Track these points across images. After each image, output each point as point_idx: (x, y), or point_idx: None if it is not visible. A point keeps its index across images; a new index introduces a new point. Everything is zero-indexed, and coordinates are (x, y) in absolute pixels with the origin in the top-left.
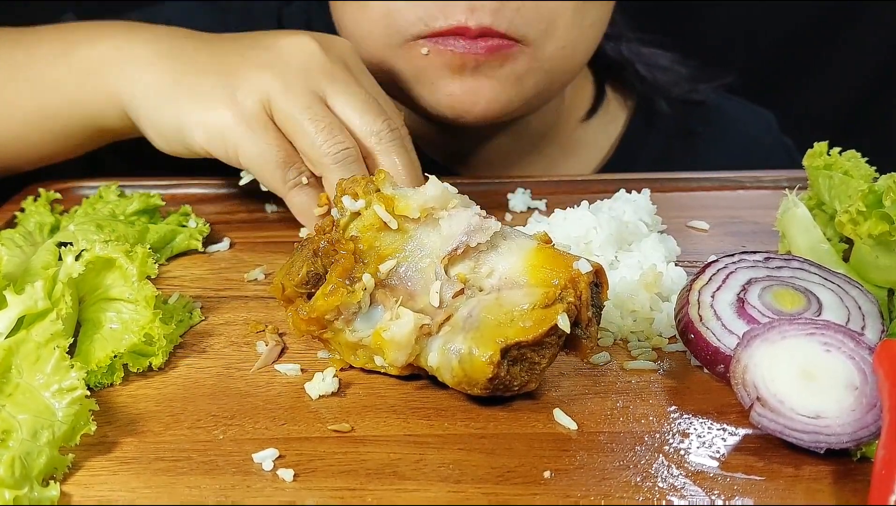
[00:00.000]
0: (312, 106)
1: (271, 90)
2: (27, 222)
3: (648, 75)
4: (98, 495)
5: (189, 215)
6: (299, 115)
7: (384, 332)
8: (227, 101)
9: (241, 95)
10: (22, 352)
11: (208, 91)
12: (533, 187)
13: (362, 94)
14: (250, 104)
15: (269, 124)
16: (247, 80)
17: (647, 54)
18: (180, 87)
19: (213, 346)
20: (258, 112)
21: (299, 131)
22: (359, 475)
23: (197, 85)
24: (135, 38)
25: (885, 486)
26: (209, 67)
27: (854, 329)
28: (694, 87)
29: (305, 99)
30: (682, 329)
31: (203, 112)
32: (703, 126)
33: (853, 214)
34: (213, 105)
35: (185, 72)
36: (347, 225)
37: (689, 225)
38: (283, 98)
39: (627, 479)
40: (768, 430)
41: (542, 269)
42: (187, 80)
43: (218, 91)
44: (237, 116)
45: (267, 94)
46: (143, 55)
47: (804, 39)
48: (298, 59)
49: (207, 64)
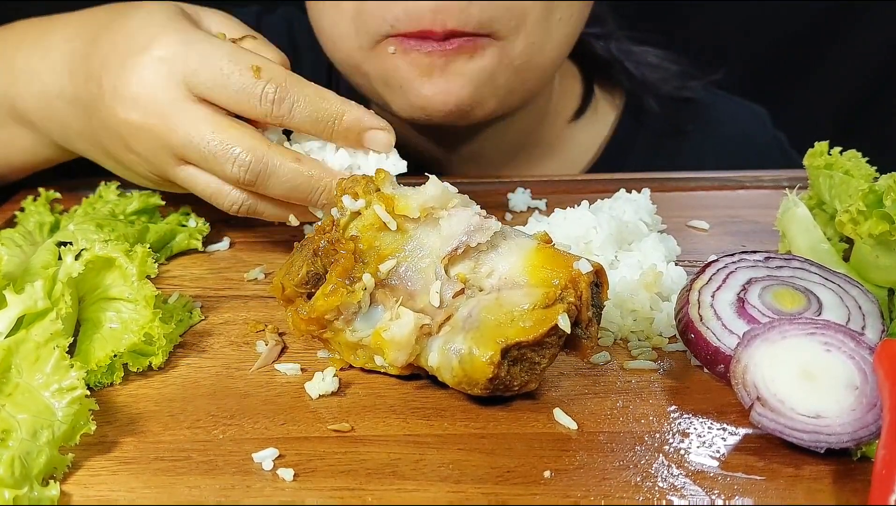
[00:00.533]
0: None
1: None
2: (27, 222)
3: (637, 73)
4: (98, 494)
5: (189, 215)
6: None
7: (384, 332)
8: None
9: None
10: (22, 352)
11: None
12: (533, 187)
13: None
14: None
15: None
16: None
17: (637, 52)
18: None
19: (213, 345)
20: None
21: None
22: (359, 475)
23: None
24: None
25: (886, 486)
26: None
27: (854, 329)
28: (684, 84)
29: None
30: (683, 329)
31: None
32: (693, 123)
33: (853, 214)
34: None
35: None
36: (347, 225)
37: (689, 225)
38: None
39: (627, 479)
40: (768, 430)
41: (543, 269)
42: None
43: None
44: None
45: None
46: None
47: (805, 39)
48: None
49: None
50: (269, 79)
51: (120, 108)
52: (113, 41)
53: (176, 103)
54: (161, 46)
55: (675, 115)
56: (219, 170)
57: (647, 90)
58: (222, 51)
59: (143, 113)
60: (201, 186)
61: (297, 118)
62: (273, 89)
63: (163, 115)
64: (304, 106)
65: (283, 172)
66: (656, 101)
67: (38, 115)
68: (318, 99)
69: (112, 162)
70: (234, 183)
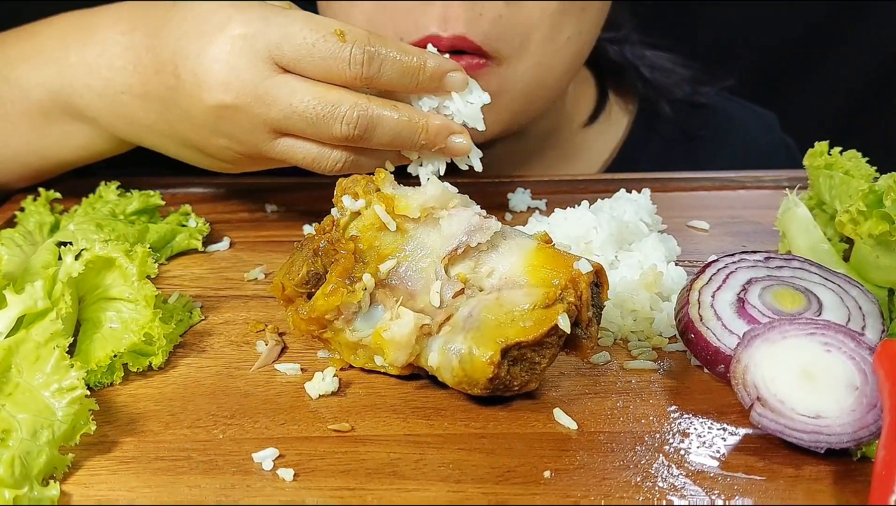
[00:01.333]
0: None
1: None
2: (27, 222)
3: (651, 78)
4: (98, 494)
5: (189, 215)
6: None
7: (384, 332)
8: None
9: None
10: (22, 351)
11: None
12: (533, 187)
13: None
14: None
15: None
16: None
17: (650, 57)
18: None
19: (213, 345)
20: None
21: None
22: (359, 475)
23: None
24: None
25: (886, 486)
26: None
27: (854, 329)
28: (696, 89)
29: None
30: (683, 329)
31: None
32: (705, 129)
33: (854, 214)
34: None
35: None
36: (347, 225)
37: (690, 225)
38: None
39: (627, 479)
40: (768, 430)
41: (543, 269)
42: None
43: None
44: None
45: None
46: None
47: (805, 40)
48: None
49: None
50: (354, 41)
51: (207, 94)
52: (182, 29)
53: (267, 79)
54: (238, 25)
55: (686, 120)
56: (325, 132)
57: (660, 95)
58: (301, 21)
59: (235, 94)
60: (301, 154)
61: (386, 76)
62: (360, 51)
63: (256, 93)
64: (391, 63)
65: (386, 122)
66: (669, 106)
67: (102, 112)
68: (401, 53)
69: (189, 151)
70: (340, 141)
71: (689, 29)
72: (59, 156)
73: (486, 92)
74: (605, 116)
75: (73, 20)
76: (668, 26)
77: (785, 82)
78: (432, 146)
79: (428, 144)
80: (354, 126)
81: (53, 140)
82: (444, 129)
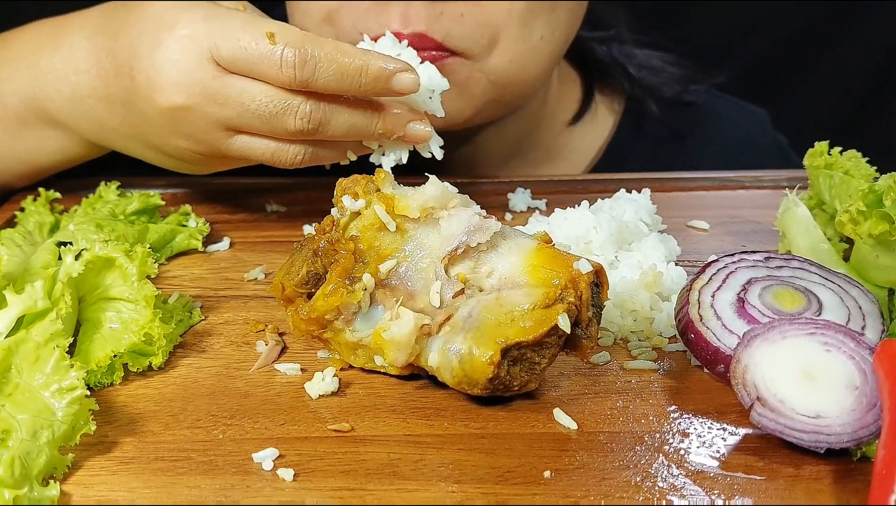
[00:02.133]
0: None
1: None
2: (27, 222)
3: (639, 77)
4: (98, 494)
5: (189, 215)
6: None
7: (384, 332)
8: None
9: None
10: (22, 352)
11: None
12: (533, 187)
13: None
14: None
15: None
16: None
17: (639, 56)
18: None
19: (213, 345)
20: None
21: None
22: (359, 475)
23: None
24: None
25: (886, 486)
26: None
27: (854, 329)
28: (686, 87)
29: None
30: (683, 329)
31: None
32: (694, 128)
33: (853, 214)
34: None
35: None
36: (347, 225)
37: (690, 225)
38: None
39: (627, 479)
40: (768, 430)
41: (543, 269)
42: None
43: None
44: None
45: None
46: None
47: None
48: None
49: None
50: (285, 42)
51: (159, 95)
52: (136, 30)
53: (216, 78)
54: (184, 25)
55: (674, 119)
56: (280, 128)
57: (648, 94)
58: (237, 22)
59: (186, 95)
60: (259, 150)
61: (323, 78)
62: (292, 53)
63: (207, 93)
64: (326, 64)
65: (340, 114)
66: (657, 105)
67: (71, 117)
68: (338, 54)
69: (153, 153)
70: (296, 136)
71: (687, 28)
72: (37, 161)
73: (444, 78)
74: (590, 116)
75: (45, 27)
76: (666, 25)
77: (784, 81)
78: (391, 134)
79: (386, 133)
80: (308, 120)
81: (32, 145)
82: (402, 116)
